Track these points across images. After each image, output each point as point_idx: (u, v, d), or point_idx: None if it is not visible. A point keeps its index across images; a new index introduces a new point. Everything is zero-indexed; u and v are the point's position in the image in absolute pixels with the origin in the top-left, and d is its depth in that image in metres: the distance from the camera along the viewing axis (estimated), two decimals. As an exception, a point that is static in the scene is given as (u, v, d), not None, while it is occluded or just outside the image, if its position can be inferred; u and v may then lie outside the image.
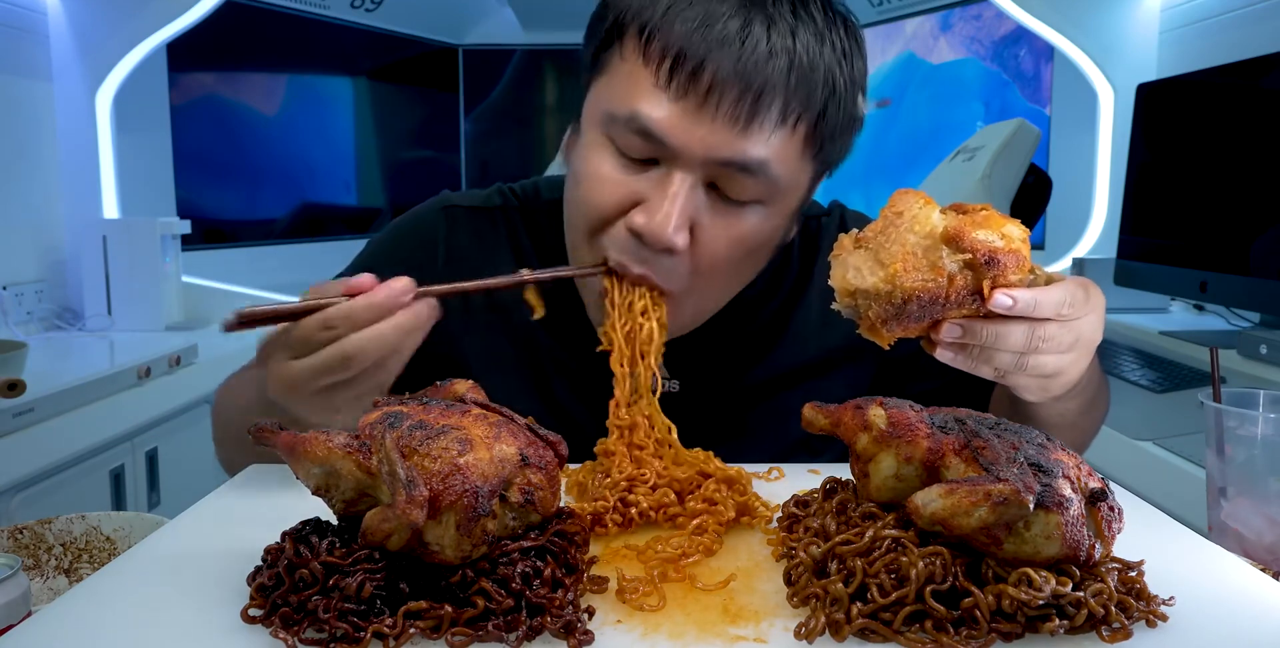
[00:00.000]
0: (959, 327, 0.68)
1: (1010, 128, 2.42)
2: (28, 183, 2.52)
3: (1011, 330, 0.69)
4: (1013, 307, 0.66)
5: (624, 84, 0.81)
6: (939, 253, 0.66)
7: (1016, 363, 0.71)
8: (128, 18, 2.60)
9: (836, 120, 0.83)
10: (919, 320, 0.68)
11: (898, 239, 0.66)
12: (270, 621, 0.55)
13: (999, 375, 0.73)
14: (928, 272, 0.66)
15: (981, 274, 0.66)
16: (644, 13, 0.81)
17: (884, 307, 0.66)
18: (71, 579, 0.83)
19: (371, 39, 3.78)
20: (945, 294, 0.66)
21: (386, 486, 0.56)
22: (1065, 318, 0.70)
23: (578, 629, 0.54)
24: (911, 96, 3.66)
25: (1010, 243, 0.66)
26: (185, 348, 2.25)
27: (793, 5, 0.81)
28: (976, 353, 0.70)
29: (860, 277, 0.67)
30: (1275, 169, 1.76)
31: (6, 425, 1.63)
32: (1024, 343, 0.69)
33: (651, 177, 0.82)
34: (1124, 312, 2.37)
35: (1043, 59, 3.05)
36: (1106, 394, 1.01)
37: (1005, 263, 0.66)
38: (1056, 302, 0.69)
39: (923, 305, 0.66)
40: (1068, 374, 0.75)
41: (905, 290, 0.65)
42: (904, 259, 0.66)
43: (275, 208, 3.53)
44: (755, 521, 0.75)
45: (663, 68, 0.79)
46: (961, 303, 0.67)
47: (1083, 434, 0.99)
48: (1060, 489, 0.56)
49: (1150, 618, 0.57)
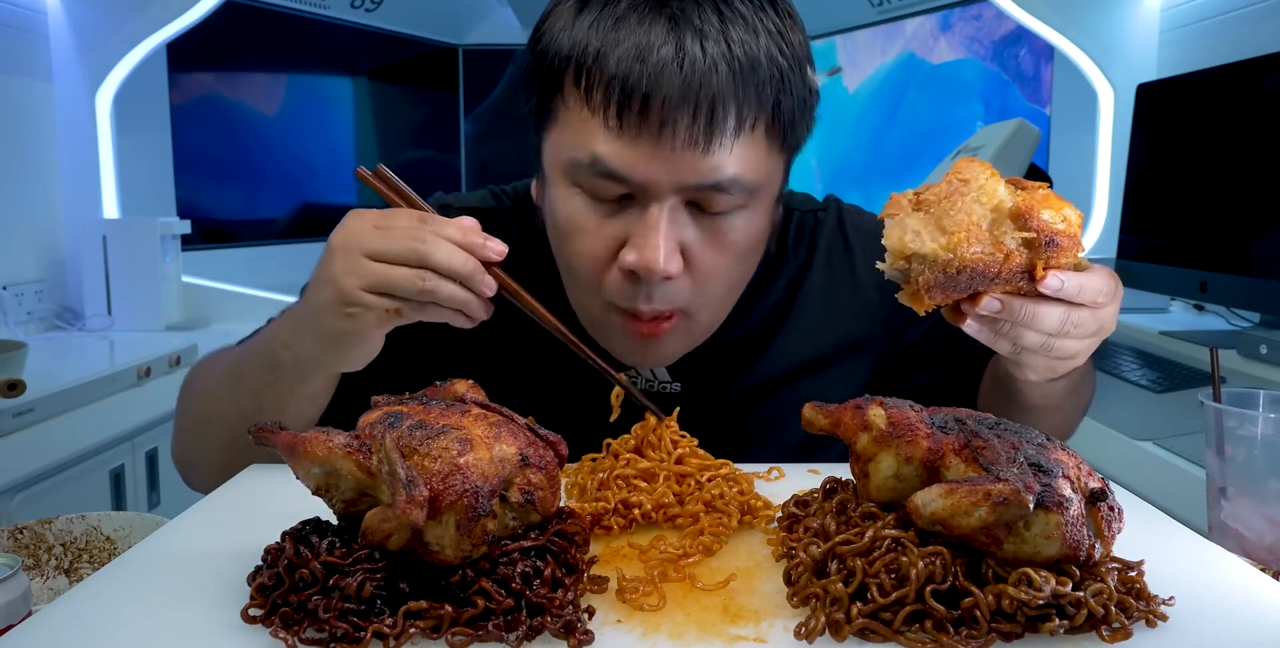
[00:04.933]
0: (999, 301, 0.68)
1: (1010, 128, 2.42)
2: (28, 183, 2.52)
3: (1049, 312, 0.69)
4: (1060, 289, 0.67)
5: (576, 131, 0.80)
6: (1003, 228, 0.66)
7: (1043, 344, 0.71)
8: (128, 18, 2.60)
9: (791, 105, 0.82)
10: (964, 291, 0.67)
11: (964, 208, 0.66)
12: (270, 621, 0.55)
13: (1016, 352, 0.73)
14: (989, 245, 0.66)
15: (1037, 254, 0.66)
16: (575, 59, 0.79)
17: (937, 274, 0.66)
18: (71, 579, 0.83)
19: (371, 39, 3.78)
20: (999, 270, 0.66)
21: (386, 486, 0.56)
22: (1097, 305, 0.71)
23: (578, 629, 0.54)
24: (911, 96, 3.66)
25: (1070, 226, 0.67)
26: (185, 348, 2.25)
27: (715, 6, 0.79)
28: (1006, 328, 0.70)
29: (920, 241, 0.66)
30: (1275, 169, 1.76)
31: (6, 425, 1.63)
32: (1057, 326, 0.70)
33: (631, 214, 0.81)
34: (1124, 312, 2.35)
35: (1043, 59, 3.05)
36: (1092, 380, 1.02)
37: (1063, 245, 0.66)
38: (1096, 289, 0.70)
39: (973, 277, 0.66)
40: (1079, 359, 0.76)
41: (964, 260, 0.65)
42: (968, 229, 0.65)
43: (275, 208, 3.53)
44: (755, 521, 0.75)
45: (609, 111, 0.77)
46: (1010, 279, 0.67)
47: (1066, 418, 1.00)
48: (1060, 489, 0.56)
49: (1150, 618, 0.57)
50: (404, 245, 0.74)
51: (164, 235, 2.57)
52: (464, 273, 0.75)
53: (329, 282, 0.76)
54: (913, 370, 1.06)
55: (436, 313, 0.77)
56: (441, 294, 0.75)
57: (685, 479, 0.77)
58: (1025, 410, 0.93)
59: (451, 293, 0.75)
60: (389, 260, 0.75)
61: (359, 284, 0.75)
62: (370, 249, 0.75)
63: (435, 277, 0.74)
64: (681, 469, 0.78)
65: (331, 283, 0.76)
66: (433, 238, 0.74)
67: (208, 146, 3.15)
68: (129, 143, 2.69)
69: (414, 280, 0.74)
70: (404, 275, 0.74)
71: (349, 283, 0.75)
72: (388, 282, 0.75)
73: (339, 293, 0.76)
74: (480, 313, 0.78)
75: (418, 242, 0.74)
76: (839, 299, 1.02)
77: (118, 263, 2.52)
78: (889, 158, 3.77)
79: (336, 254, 0.76)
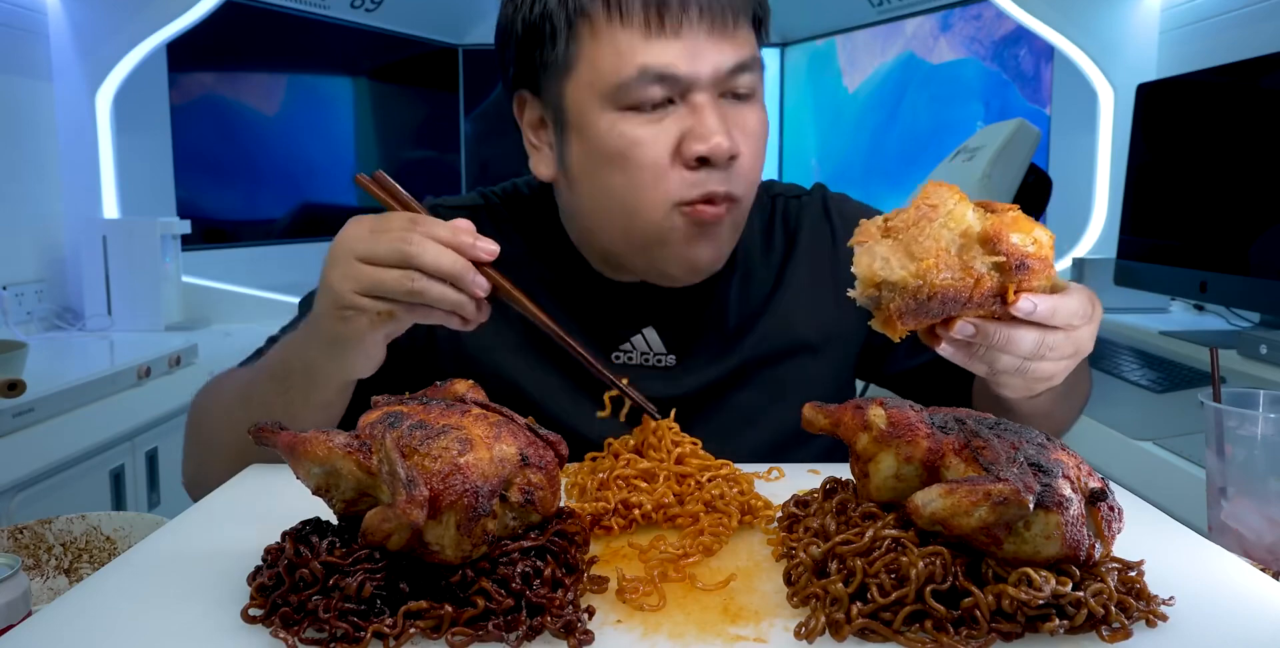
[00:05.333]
0: (972, 325, 0.68)
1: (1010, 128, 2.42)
2: (28, 183, 2.52)
3: (1024, 336, 0.69)
4: (1033, 313, 0.67)
5: (615, 54, 0.87)
6: (972, 253, 0.66)
7: (1018, 367, 0.71)
8: (128, 18, 2.60)
9: None
10: (936, 316, 0.67)
11: (932, 234, 0.66)
12: (270, 620, 0.55)
13: (991, 374, 0.74)
14: (959, 270, 0.65)
15: (1009, 277, 0.66)
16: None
17: (908, 301, 0.66)
18: (71, 579, 0.83)
19: (371, 39, 3.78)
20: (970, 294, 0.66)
21: (386, 485, 0.56)
22: (1072, 328, 0.71)
23: (578, 629, 0.54)
24: (911, 96, 3.66)
25: (1041, 249, 0.66)
26: (185, 348, 2.25)
27: None
28: (981, 353, 0.71)
29: (889, 268, 0.66)
30: (1275, 169, 1.76)
31: (6, 425, 1.63)
32: (1032, 349, 0.70)
33: (679, 114, 0.88)
34: (1124, 312, 2.37)
35: (1043, 59, 3.05)
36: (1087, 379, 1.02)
37: (1034, 268, 0.66)
38: (1071, 312, 0.69)
39: (945, 303, 0.66)
40: (1055, 380, 0.76)
41: (934, 287, 0.65)
42: (937, 255, 0.65)
43: (275, 208, 3.53)
44: (755, 521, 0.75)
45: (651, 18, 0.86)
46: (982, 304, 0.67)
47: (1059, 422, 1.01)
48: (1060, 489, 0.56)
49: (1150, 618, 0.57)
50: (392, 247, 0.76)
51: (164, 235, 2.57)
52: (453, 273, 0.76)
53: (326, 287, 0.79)
54: (899, 354, 1.09)
55: (429, 315, 0.78)
56: (431, 295, 0.76)
57: (685, 479, 0.77)
58: (1018, 416, 0.94)
59: (441, 293, 0.76)
60: (379, 263, 0.76)
61: (352, 287, 0.77)
62: (362, 253, 0.77)
63: (424, 277, 0.76)
64: (681, 469, 0.78)
65: (328, 288, 0.78)
66: (420, 239, 0.75)
67: (208, 147, 3.15)
68: (129, 143, 2.69)
69: (402, 281, 0.75)
70: (393, 277, 0.76)
71: (343, 287, 0.77)
72: (378, 284, 0.76)
73: (334, 297, 0.78)
74: (473, 314, 0.78)
75: (405, 243, 0.75)
76: (823, 283, 1.05)
77: (118, 263, 2.52)
78: (889, 158, 3.77)
79: (334, 259, 0.79)
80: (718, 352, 1.02)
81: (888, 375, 1.12)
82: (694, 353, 1.02)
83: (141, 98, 2.75)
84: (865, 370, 1.12)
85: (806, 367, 1.04)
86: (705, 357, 1.02)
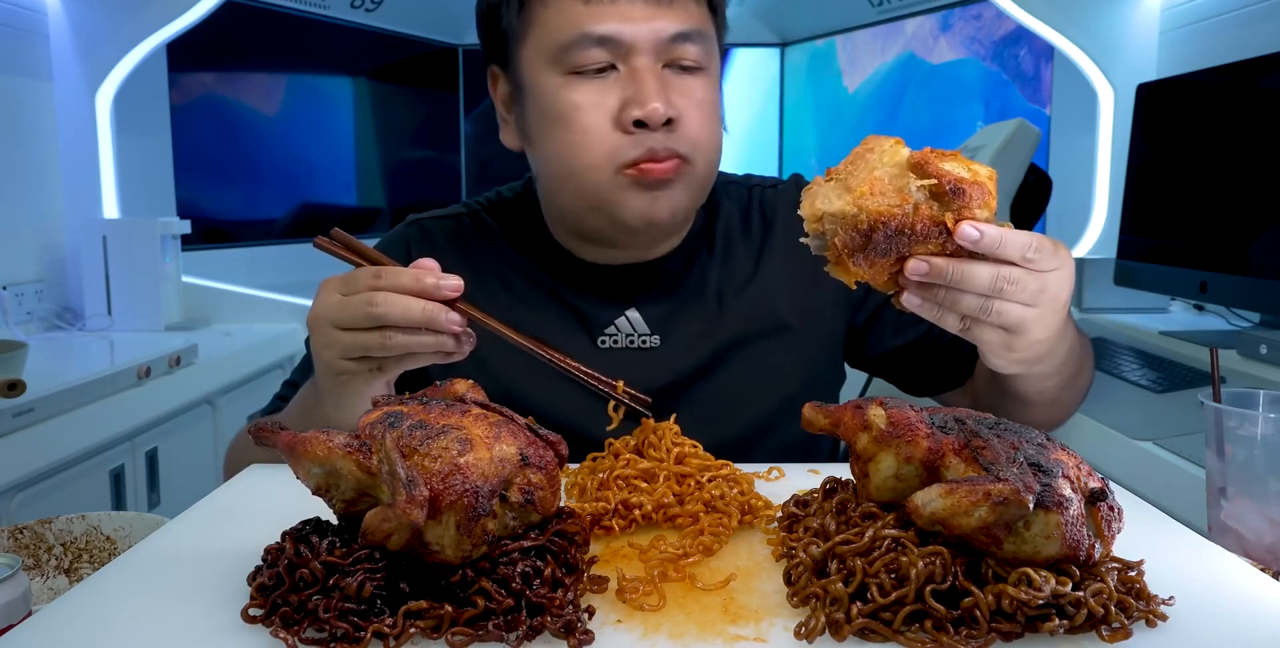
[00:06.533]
0: (925, 263, 0.68)
1: (1010, 128, 2.42)
2: (28, 183, 2.52)
3: (978, 270, 0.69)
4: (979, 241, 0.67)
5: (560, 18, 0.93)
6: (905, 180, 0.67)
7: (981, 306, 0.71)
8: (128, 18, 2.60)
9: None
10: (885, 254, 0.68)
11: (866, 167, 0.68)
12: (270, 620, 0.55)
13: (964, 328, 0.73)
14: (894, 196, 0.67)
15: (947, 205, 0.67)
16: None
17: (850, 234, 0.67)
18: (71, 579, 0.83)
19: (371, 39, 3.78)
20: (911, 223, 0.67)
21: (386, 485, 0.56)
22: (1031, 263, 0.71)
23: (578, 629, 0.55)
24: (911, 96, 3.66)
25: (976, 176, 0.67)
26: (185, 348, 2.25)
27: None
28: (942, 296, 0.71)
29: (828, 201, 0.68)
30: (1275, 169, 1.76)
31: (6, 425, 1.63)
32: (989, 284, 0.70)
33: (620, 80, 0.93)
34: (1124, 312, 2.37)
35: (1043, 59, 3.05)
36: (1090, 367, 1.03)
37: (971, 194, 0.66)
38: (1022, 244, 0.70)
39: (889, 236, 0.67)
40: (1033, 332, 0.74)
41: (871, 213, 0.66)
42: (871, 184, 0.67)
43: (275, 208, 3.53)
44: (756, 521, 0.75)
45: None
46: (928, 236, 0.67)
47: (1064, 409, 1.03)
48: (1060, 489, 0.56)
49: (1150, 618, 0.57)
50: (361, 312, 0.78)
51: (164, 235, 2.57)
52: (423, 320, 0.78)
53: (316, 356, 0.84)
54: (883, 335, 1.11)
55: (416, 360, 0.82)
56: (411, 346, 0.79)
57: (685, 479, 0.77)
58: (1022, 404, 0.95)
59: (419, 342, 0.79)
60: (354, 328, 0.79)
61: (337, 355, 0.81)
62: (335, 320, 0.80)
63: (398, 332, 0.79)
64: (681, 469, 0.78)
65: (318, 357, 0.84)
66: (384, 297, 0.78)
67: (208, 147, 3.15)
68: (129, 143, 2.69)
69: (380, 341, 0.79)
70: (371, 339, 0.79)
71: (329, 355, 0.82)
72: (358, 347, 0.80)
73: (325, 365, 0.84)
74: (455, 348, 0.81)
75: (371, 306, 0.78)
76: (801, 265, 1.07)
77: (118, 263, 2.52)
78: (889, 158, 3.76)
79: (314, 330, 0.83)
80: (700, 331, 1.05)
81: (873, 357, 1.13)
82: (677, 332, 1.05)
83: (141, 98, 2.75)
84: (852, 355, 1.14)
85: (788, 347, 1.06)
86: (688, 336, 1.05)
